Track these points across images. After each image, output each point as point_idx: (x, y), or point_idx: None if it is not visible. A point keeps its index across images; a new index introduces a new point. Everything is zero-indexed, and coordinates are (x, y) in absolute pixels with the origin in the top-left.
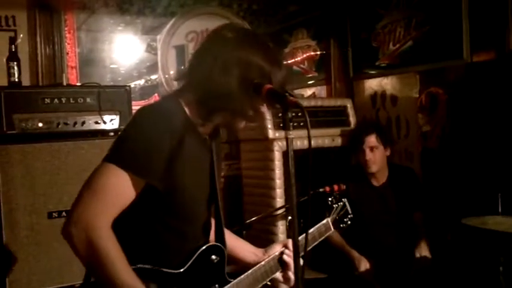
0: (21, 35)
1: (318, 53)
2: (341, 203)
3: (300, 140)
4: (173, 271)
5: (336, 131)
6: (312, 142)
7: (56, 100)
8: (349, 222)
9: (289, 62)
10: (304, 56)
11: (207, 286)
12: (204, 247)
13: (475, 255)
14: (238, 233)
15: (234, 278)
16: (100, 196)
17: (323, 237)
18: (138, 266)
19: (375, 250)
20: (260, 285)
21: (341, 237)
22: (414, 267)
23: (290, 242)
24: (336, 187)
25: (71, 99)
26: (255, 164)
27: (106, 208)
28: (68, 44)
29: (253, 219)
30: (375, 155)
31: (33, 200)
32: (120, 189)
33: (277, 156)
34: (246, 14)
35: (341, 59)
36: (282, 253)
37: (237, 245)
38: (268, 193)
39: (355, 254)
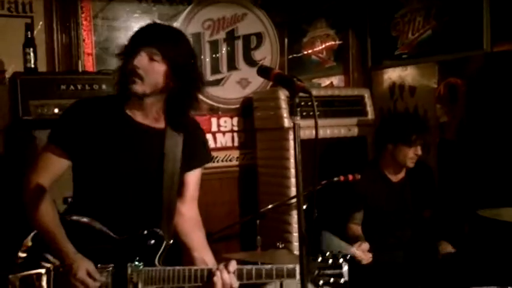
0: (41, 23)
1: (337, 42)
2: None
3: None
4: (112, 234)
5: (353, 120)
6: (328, 132)
7: (71, 86)
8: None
9: (308, 51)
10: (323, 45)
11: (134, 260)
12: (147, 231)
13: (491, 246)
14: (252, 222)
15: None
16: (36, 163)
17: (279, 280)
18: (74, 217)
19: (393, 245)
20: (180, 285)
21: (361, 231)
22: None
23: (232, 266)
24: (350, 177)
25: (87, 85)
26: (271, 153)
27: (39, 171)
28: (85, 31)
29: (267, 207)
30: None
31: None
32: (48, 156)
33: (293, 145)
34: (263, 2)
35: (359, 49)
36: (215, 271)
37: (198, 254)
38: (283, 182)
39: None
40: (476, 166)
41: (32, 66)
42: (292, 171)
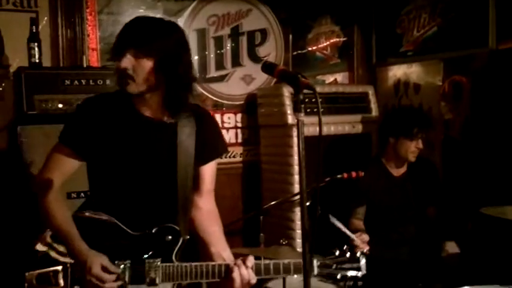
0: (46, 18)
1: (342, 39)
2: (356, 255)
3: (317, 126)
4: (128, 230)
5: (357, 117)
6: (332, 128)
7: (76, 81)
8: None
9: (312, 47)
10: (328, 42)
11: (151, 256)
12: (163, 226)
13: (494, 245)
14: (255, 218)
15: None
16: (47, 163)
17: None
18: (90, 213)
19: (396, 241)
20: (198, 280)
21: (363, 226)
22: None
23: (250, 261)
24: (354, 174)
25: (91, 81)
26: (274, 149)
27: (51, 171)
28: (89, 26)
29: (270, 204)
30: None
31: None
32: (59, 156)
33: (296, 142)
34: None
35: (364, 46)
36: (233, 266)
37: (215, 249)
38: (286, 179)
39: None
40: (480, 163)
41: (37, 61)
42: (296, 168)
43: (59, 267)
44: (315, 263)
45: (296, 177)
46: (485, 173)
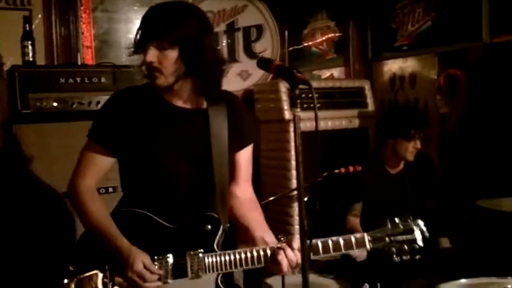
0: (39, 16)
1: (337, 34)
2: (410, 226)
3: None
4: (166, 223)
5: (353, 112)
6: (329, 123)
7: (70, 80)
8: (416, 256)
9: (308, 43)
10: (324, 37)
11: (192, 247)
12: (202, 216)
13: (490, 237)
14: None
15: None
16: (79, 164)
17: (348, 251)
18: (130, 209)
19: None
20: (242, 268)
21: (359, 225)
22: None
23: (296, 242)
24: (351, 168)
25: (86, 78)
26: (272, 145)
27: (83, 171)
28: (84, 23)
29: (268, 199)
30: None
31: (49, 179)
32: (91, 155)
33: (293, 136)
34: None
35: (360, 41)
36: (278, 249)
37: (257, 233)
38: (284, 174)
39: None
40: (476, 157)
41: (31, 59)
42: (293, 163)
43: (97, 271)
44: (366, 237)
45: (294, 173)
46: (481, 166)
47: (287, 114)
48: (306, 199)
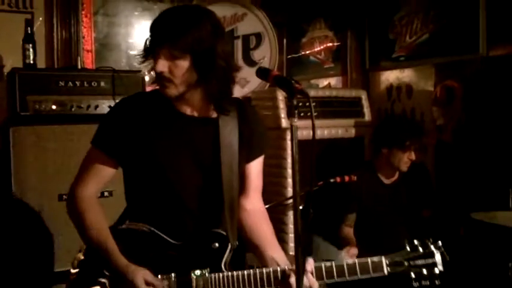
0: (41, 18)
1: (335, 43)
2: (430, 249)
3: (310, 130)
4: (171, 240)
5: (350, 121)
6: (325, 132)
7: (70, 83)
8: (436, 281)
9: (306, 51)
10: (322, 46)
11: (198, 266)
12: (208, 232)
13: (485, 250)
14: None
15: (232, 270)
16: (81, 171)
17: (365, 276)
18: (133, 223)
19: (387, 248)
20: None
21: (353, 235)
22: None
23: (310, 264)
24: (347, 178)
25: (85, 82)
26: (268, 152)
27: (85, 180)
28: (85, 27)
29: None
30: None
31: (45, 182)
32: (93, 163)
33: (290, 145)
34: (263, 2)
35: (358, 50)
36: (290, 271)
37: (267, 252)
38: (280, 182)
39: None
40: (472, 168)
41: (31, 62)
42: (289, 171)
43: (98, 287)
44: (384, 261)
45: (289, 181)
46: (477, 178)
47: (284, 122)
48: (300, 208)
